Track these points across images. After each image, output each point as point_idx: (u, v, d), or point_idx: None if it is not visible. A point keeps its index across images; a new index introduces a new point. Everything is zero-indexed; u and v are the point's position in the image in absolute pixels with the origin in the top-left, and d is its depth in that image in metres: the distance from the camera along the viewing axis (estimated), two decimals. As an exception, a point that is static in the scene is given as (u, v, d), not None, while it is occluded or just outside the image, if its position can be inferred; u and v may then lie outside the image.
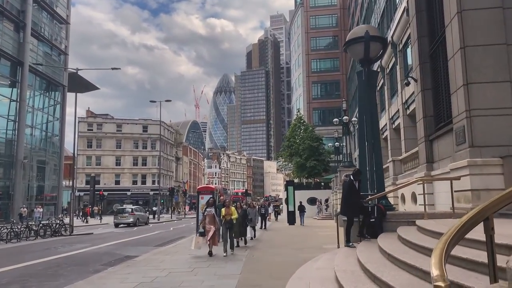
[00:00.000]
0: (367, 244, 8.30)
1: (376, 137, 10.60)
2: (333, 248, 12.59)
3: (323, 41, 69.87)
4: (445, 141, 11.96)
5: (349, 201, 9.24)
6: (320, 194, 42.01)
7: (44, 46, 45.77)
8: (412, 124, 26.32)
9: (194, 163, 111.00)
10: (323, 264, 7.74)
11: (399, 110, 27.00)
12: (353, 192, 9.27)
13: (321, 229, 23.44)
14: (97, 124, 74.13)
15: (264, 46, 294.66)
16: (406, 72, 29.94)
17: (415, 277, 4.48)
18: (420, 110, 13.77)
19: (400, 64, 26.80)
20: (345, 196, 9.37)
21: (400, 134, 26.92)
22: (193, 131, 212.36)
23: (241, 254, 12.36)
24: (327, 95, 67.11)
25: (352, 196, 9.20)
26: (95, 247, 16.72)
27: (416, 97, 14.28)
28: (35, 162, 43.67)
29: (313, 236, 18.30)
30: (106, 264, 11.89)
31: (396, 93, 28.92)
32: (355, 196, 9.27)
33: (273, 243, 15.75)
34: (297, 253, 12.18)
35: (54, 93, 48.42)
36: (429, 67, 13.47)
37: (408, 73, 24.69)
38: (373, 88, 11.21)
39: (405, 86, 25.81)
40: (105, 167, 73.42)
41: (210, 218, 11.99)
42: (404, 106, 26.10)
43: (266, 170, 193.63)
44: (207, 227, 11.93)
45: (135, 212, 32.96)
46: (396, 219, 9.57)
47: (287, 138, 51.40)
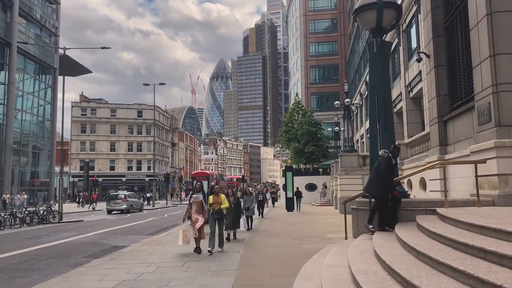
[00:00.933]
0: (383, 236, 7.24)
1: (390, 116, 9.49)
2: (338, 238, 11.59)
3: (321, 24, 68.23)
4: (462, 121, 10.87)
5: (383, 179, 7.99)
6: (319, 180, 41.06)
7: (34, 27, 44.08)
8: (415, 107, 25.33)
9: (190, 149, 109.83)
10: (334, 260, 6.69)
11: (402, 93, 25.93)
12: (390, 171, 8.12)
13: (321, 216, 22.50)
14: (91, 109, 72.58)
15: (261, 31, 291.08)
16: (410, 54, 28.89)
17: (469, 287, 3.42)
18: (433, 88, 12.64)
19: (404, 45, 25.61)
20: (379, 173, 8.08)
21: (403, 118, 25.89)
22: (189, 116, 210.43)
23: (238, 245, 11.31)
24: (325, 79, 65.74)
25: (387, 176, 8.01)
26: (82, 236, 15.66)
27: (428, 75, 13.13)
28: (25, 148, 42.40)
29: (314, 224, 17.32)
30: (89, 256, 10.84)
31: (398, 76, 27.82)
32: (391, 176, 8.15)
33: (273, 232, 14.72)
34: (300, 243, 11.16)
35: (45, 76, 46.92)
36: (444, 41, 12.28)
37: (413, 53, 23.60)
38: (386, 61, 10.05)
39: (408, 68, 24.76)
40: (100, 153, 72.16)
41: (198, 206, 10.17)
42: (407, 89, 25.02)
43: (263, 157, 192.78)
44: (194, 217, 10.07)
45: (128, 198, 31.91)
46: (412, 207, 8.51)
47: (285, 123, 50.23)
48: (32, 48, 42.72)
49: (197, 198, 10.19)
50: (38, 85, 45.68)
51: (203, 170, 66.87)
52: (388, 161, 8.04)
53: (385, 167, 8.00)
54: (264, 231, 15.24)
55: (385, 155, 8.17)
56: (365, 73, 39.73)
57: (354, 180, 23.63)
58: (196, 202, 10.20)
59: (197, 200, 10.21)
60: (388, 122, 9.39)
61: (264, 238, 12.92)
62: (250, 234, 13.94)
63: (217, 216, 10.18)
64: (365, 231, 8.83)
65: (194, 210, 10.20)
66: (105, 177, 69.03)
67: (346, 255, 6.85)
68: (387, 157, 8.08)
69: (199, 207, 10.16)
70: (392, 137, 9.48)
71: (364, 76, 40.15)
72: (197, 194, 10.36)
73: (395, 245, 6.14)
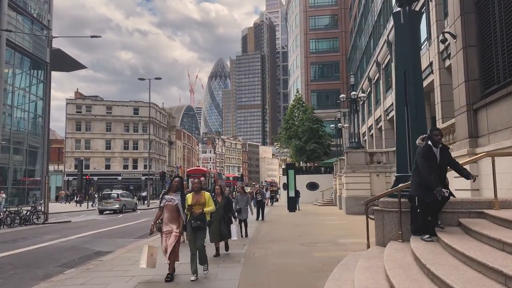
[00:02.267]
0: (425, 245, 5.68)
1: (420, 98, 7.91)
2: (353, 244, 10.02)
3: (322, 20, 66.71)
4: (500, 109, 9.31)
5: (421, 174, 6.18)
6: (321, 179, 39.54)
7: (25, 19, 42.40)
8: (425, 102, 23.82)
9: (188, 148, 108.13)
10: (366, 279, 5.09)
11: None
12: (431, 162, 6.18)
13: (326, 217, 20.95)
14: (86, 106, 70.76)
15: (259, 30, 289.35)
16: None
17: None
18: (461, 73, 11.08)
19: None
20: (416, 167, 6.36)
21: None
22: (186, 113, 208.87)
23: (238, 252, 9.71)
24: (326, 76, 64.16)
25: (425, 169, 6.10)
26: (63, 239, 14.04)
27: (454, 57, 11.57)
28: (16, 145, 40.72)
29: (321, 226, 15.76)
30: (64, 265, 9.24)
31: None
32: (430, 170, 6.10)
33: (276, 236, 13.12)
34: (310, 250, 9.58)
35: (37, 71, 45.22)
36: (474, 18, 10.75)
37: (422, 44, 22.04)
38: (415, 34, 8.47)
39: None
40: (95, 151, 70.42)
41: (171, 213, 7.05)
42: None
43: (262, 156, 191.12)
44: (165, 228, 7.01)
45: (121, 197, 30.29)
46: (452, 209, 6.96)
47: (285, 120, 48.59)
48: (23, 41, 41.06)
49: (171, 201, 7.04)
50: (30, 80, 43.97)
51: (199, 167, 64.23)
52: (425, 151, 6.31)
53: (421, 158, 6.31)
54: (266, 234, 13.65)
55: (421, 144, 6.48)
56: (367, 70, 38.30)
57: (361, 178, 22.11)
58: (169, 207, 7.05)
59: (171, 204, 7.02)
60: (418, 105, 7.83)
61: (267, 243, 11.32)
62: (248, 242, 11.66)
63: (197, 224, 7.09)
64: (393, 238, 7.28)
65: (166, 218, 7.06)
66: (100, 176, 67.34)
67: (380, 272, 5.27)
68: (424, 147, 6.39)
69: (173, 215, 7.04)
70: (423, 123, 7.91)
71: (366, 73, 38.70)
72: (172, 195, 7.14)
73: (452, 261, 4.57)
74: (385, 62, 31.36)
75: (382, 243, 7.49)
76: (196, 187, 7.51)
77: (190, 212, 7.15)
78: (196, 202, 7.25)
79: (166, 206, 7.09)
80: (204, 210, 7.27)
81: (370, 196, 21.86)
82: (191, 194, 7.40)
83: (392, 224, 7.34)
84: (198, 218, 7.15)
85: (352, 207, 21.57)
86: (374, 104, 36.50)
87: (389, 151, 22.60)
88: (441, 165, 6.35)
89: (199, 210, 7.19)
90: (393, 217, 7.33)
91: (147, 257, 7.00)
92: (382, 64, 32.14)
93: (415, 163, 6.43)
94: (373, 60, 34.60)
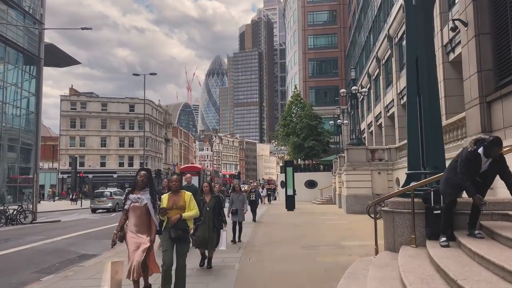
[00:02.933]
0: (445, 252, 4.91)
1: (434, 87, 7.13)
2: (357, 247, 9.28)
3: (320, 16, 65.95)
4: (518, 101, 8.60)
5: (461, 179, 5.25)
6: (319, 177, 38.82)
7: (17, 14, 41.35)
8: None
9: (185, 145, 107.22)
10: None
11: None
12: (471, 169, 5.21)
13: (326, 216, 20.20)
14: (81, 102, 69.73)
15: (257, 27, 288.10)
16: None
17: None
18: (472, 63, 10.33)
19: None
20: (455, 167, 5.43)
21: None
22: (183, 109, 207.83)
23: (232, 257, 8.91)
24: (324, 73, 63.41)
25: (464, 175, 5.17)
26: (48, 241, 13.21)
27: (465, 47, 10.81)
28: (9, 142, 39.75)
29: (321, 227, 14.99)
30: (42, 271, 8.43)
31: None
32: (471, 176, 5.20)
33: (275, 237, 12.33)
34: (312, 254, 8.81)
35: (29, 66, 44.17)
36: (487, 4, 9.99)
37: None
38: (429, 16, 7.67)
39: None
40: (90, 148, 69.45)
41: (139, 218, 5.45)
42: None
43: (259, 153, 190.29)
44: (131, 239, 5.38)
45: (114, 196, 29.42)
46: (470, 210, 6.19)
47: (283, 117, 47.77)
48: (17, 37, 40.08)
49: (138, 201, 5.38)
50: (22, 76, 42.94)
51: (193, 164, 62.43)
52: (471, 157, 5.18)
53: (463, 162, 5.21)
54: (264, 235, 12.86)
55: (470, 148, 5.24)
56: (367, 66, 37.53)
57: (362, 176, 21.35)
58: (136, 210, 5.41)
59: (138, 205, 5.38)
60: (432, 94, 7.05)
61: (265, 246, 10.54)
62: (244, 245, 10.72)
63: (178, 234, 5.46)
64: (404, 242, 6.52)
65: (132, 225, 5.41)
66: (96, 174, 66.45)
67: (397, 285, 4.50)
68: (472, 152, 5.19)
69: (141, 219, 5.42)
70: (437, 115, 7.15)
71: (366, 68, 37.94)
72: (139, 193, 5.44)
73: (486, 275, 3.79)
74: (385, 58, 30.62)
75: (392, 248, 6.74)
76: (175, 185, 5.72)
77: (166, 218, 5.56)
78: (173, 205, 5.59)
79: (132, 209, 5.40)
80: (183, 215, 5.52)
81: (371, 195, 21.17)
82: (167, 195, 5.79)
83: (404, 227, 6.58)
84: (179, 226, 5.48)
85: (353, 206, 20.85)
86: (374, 100, 35.77)
87: (391, 148, 21.88)
88: (487, 175, 5.37)
89: (175, 216, 5.48)
90: (405, 219, 6.57)
91: (110, 276, 5.28)
92: (382, 59, 31.40)
93: (455, 161, 5.49)
94: (373, 55, 33.85)
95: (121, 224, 5.51)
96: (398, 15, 25.38)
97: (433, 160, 6.90)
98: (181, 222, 5.54)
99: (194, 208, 5.74)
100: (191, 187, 9.57)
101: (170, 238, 5.50)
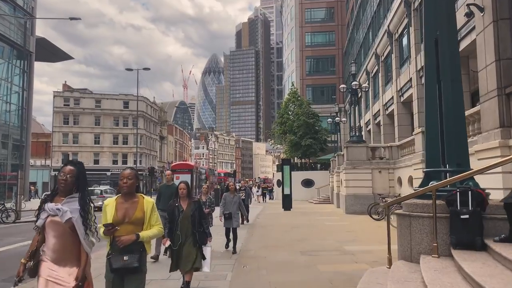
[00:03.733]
0: (488, 269, 4.01)
1: (456, 72, 6.22)
2: (363, 253, 8.37)
3: (318, 13, 65.04)
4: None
5: None
6: (317, 176, 37.97)
7: (9, 8, 40.19)
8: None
9: (180, 143, 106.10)
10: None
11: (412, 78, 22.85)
12: None
13: (325, 216, 19.34)
14: (74, 99, 68.44)
15: (254, 25, 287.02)
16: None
17: None
18: (490, 51, 9.46)
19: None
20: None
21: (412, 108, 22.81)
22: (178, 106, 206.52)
23: (225, 264, 7.96)
24: (321, 71, 62.54)
25: None
26: (26, 243, 12.17)
27: (481, 34, 9.94)
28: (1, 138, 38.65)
29: (320, 228, 14.08)
30: (10, 279, 7.47)
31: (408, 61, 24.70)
32: None
33: (271, 240, 11.39)
34: (313, 262, 7.88)
35: (20, 61, 43.03)
36: (507, -13, 9.13)
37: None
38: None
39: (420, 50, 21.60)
40: (83, 145, 68.24)
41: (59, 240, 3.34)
42: (419, 74, 21.92)
43: (255, 152, 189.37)
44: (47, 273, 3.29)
45: (104, 194, 28.37)
46: (500, 214, 5.30)
47: (280, 114, 46.83)
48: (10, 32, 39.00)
49: (58, 213, 3.31)
50: (12, 71, 41.78)
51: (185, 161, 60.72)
52: None
53: None
54: (260, 237, 11.92)
55: None
56: (365, 63, 36.67)
57: (363, 175, 20.48)
58: (55, 227, 3.34)
59: (57, 221, 3.32)
60: (454, 81, 6.14)
61: (260, 251, 9.59)
62: (238, 249, 9.51)
63: (125, 263, 3.58)
64: (424, 251, 5.61)
65: (50, 250, 3.34)
66: (89, 171, 63.84)
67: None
68: None
69: (63, 243, 3.35)
70: (460, 104, 6.23)
71: (364, 66, 37.11)
72: (62, 201, 3.40)
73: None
74: (385, 54, 29.85)
75: (409, 257, 5.84)
76: (126, 185, 3.74)
77: (110, 238, 3.64)
78: (124, 217, 3.66)
79: (49, 225, 3.34)
80: (141, 235, 3.64)
81: (372, 194, 20.34)
82: (113, 201, 3.78)
83: (423, 233, 5.67)
84: (128, 250, 3.58)
85: (353, 205, 20.01)
86: (372, 98, 34.98)
87: (392, 146, 21.03)
88: None
89: (126, 237, 3.58)
90: (425, 225, 5.66)
91: None
92: (381, 56, 30.61)
93: None
94: (372, 52, 33.04)
95: (32, 248, 3.43)
96: (398, 10, 24.56)
97: (456, 156, 5.99)
98: (134, 245, 3.60)
99: (157, 223, 3.81)
100: (170, 186, 8.31)
101: (113, 271, 3.58)
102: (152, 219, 3.77)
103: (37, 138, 65.00)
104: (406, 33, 24.83)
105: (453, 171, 5.89)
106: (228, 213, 9.48)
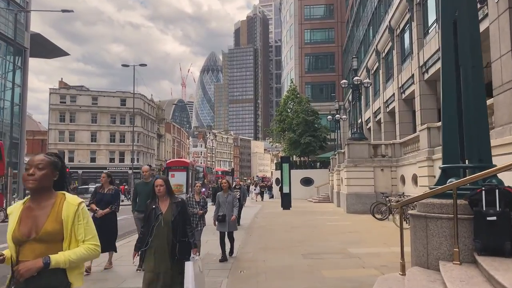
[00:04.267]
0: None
1: (477, 58, 5.60)
2: (370, 256, 7.74)
3: (317, 10, 64.46)
4: None
5: None
6: (316, 174, 37.39)
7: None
8: (429, 92, 21.65)
9: (178, 141, 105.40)
10: None
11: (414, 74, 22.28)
12: None
13: (326, 216, 18.74)
14: (71, 96, 67.70)
15: (252, 23, 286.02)
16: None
17: None
18: (505, 40, 8.85)
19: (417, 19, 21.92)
20: None
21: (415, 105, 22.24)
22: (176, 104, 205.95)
23: (221, 267, 7.35)
24: (320, 68, 61.97)
25: None
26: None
27: (495, 22, 9.33)
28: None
29: (323, 229, 13.46)
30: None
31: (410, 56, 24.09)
32: None
33: (271, 241, 10.78)
34: (316, 266, 7.26)
35: (14, 56, 42.26)
36: (524, -30, 8.52)
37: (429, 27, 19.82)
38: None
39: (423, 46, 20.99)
40: (80, 143, 67.54)
41: None
42: (421, 70, 21.33)
43: (253, 150, 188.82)
44: None
45: (99, 192, 27.63)
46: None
47: (279, 112, 46.19)
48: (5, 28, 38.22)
49: None
50: (6, 66, 41.03)
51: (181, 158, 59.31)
52: None
53: None
54: (259, 238, 11.30)
55: None
56: (366, 60, 36.05)
57: (364, 173, 19.89)
58: None
59: None
60: (475, 67, 5.52)
61: (259, 253, 8.97)
62: (235, 251, 8.88)
63: None
64: (442, 257, 4.99)
65: None
66: (85, 169, 64.67)
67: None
68: None
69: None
70: (481, 93, 5.61)
71: (364, 63, 36.48)
72: None
73: None
74: (386, 51, 29.30)
75: (425, 263, 5.21)
76: (33, 179, 2.33)
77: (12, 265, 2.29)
78: (30, 231, 2.30)
79: None
80: (53, 259, 2.21)
81: (374, 193, 19.73)
82: (18, 206, 2.43)
83: (442, 237, 5.05)
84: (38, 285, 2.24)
85: (354, 205, 19.41)
86: (373, 95, 34.42)
87: (395, 143, 20.43)
88: None
89: (27, 264, 2.18)
90: (443, 227, 5.04)
91: None
92: (382, 52, 30.06)
93: None
94: (372, 49, 32.47)
95: None
96: (400, 5, 24.02)
97: (478, 151, 5.36)
98: (49, 277, 2.25)
99: (88, 237, 2.42)
100: (148, 184, 7.06)
101: None
102: (78, 232, 2.36)
103: (33, 135, 64.31)
104: (408, 29, 24.28)
105: (474, 167, 5.27)
106: (222, 215, 8.23)
